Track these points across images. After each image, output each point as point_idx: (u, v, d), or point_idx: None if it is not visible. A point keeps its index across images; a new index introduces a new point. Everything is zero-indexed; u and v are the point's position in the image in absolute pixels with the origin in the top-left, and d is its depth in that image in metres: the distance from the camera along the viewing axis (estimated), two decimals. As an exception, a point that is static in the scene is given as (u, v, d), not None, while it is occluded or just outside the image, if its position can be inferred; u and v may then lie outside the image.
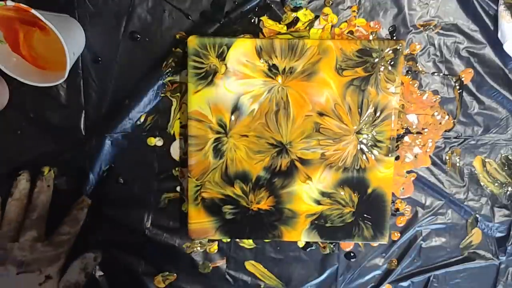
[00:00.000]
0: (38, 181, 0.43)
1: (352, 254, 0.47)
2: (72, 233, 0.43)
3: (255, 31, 0.43)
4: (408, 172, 0.46)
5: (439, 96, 0.45)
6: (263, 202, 0.44)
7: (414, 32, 0.43)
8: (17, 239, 0.41)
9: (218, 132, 0.42)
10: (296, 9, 0.43)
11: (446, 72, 0.44)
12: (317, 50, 0.41)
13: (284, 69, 0.42)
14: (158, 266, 0.47)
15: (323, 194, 0.44)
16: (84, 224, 0.44)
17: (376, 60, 0.42)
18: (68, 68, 0.37)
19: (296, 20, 0.43)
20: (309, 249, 0.47)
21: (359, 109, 0.42)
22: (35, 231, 0.41)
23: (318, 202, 0.44)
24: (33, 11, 0.34)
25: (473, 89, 0.45)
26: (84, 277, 0.42)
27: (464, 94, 0.45)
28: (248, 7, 0.42)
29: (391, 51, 0.41)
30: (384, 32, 0.43)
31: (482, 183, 0.47)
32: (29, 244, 0.41)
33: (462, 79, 0.44)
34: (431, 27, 0.43)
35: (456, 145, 0.46)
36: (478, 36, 0.44)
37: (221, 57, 0.41)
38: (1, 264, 0.40)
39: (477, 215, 0.47)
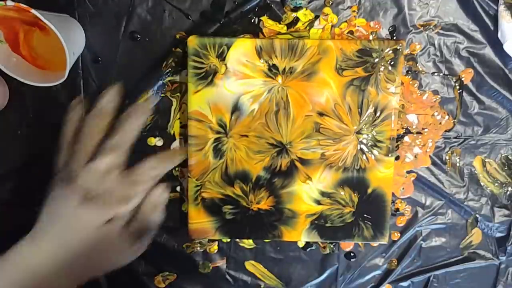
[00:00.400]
0: (129, 107, 0.37)
1: (352, 254, 0.47)
2: (159, 171, 0.37)
3: (255, 31, 0.43)
4: (408, 172, 0.46)
5: (439, 96, 0.45)
6: (263, 202, 0.44)
7: (414, 32, 0.43)
8: (91, 161, 0.35)
9: (218, 132, 0.42)
10: (296, 9, 0.43)
11: (446, 72, 0.44)
12: (317, 50, 0.41)
13: (284, 69, 0.42)
14: (158, 266, 0.47)
15: (323, 194, 0.44)
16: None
17: (376, 60, 0.42)
18: (68, 68, 0.37)
19: (296, 20, 0.43)
20: (309, 249, 0.47)
21: (359, 109, 0.43)
22: (114, 158, 0.34)
23: (318, 202, 0.44)
24: (33, 11, 0.34)
25: (473, 89, 0.45)
26: (159, 216, 0.37)
27: (464, 94, 0.45)
28: (248, 7, 0.42)
29: (391, 51, 0.41)
30: (384, 32, 0.43)
31: (482, 183, 0.47)
32: (103, 172, 0.34)
33: (462, 79, 0.44)
34: (431, 27, 0.43)
35: (456, 145, 0.46)
36: (478, 36, 0.44)
37: (221, 57, 0.41)
38: (66, 186, 0.34)
39: (477, 215, 0.47)
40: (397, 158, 0.46)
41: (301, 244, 0.47)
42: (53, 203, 0.34)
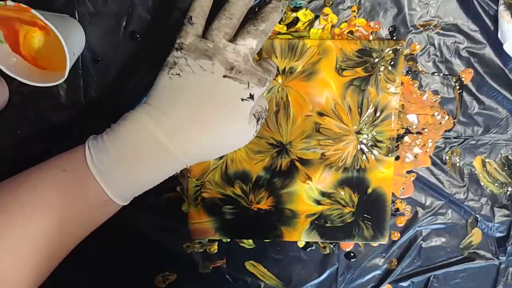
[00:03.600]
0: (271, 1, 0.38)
1: (352, 254, 0.47)
2: (273, 71, 0.38)
3: (255, 31, 0.43)
4: (408, 172, 0.46)
5: (439, 96, 0.45)
6: (263, 202, 0.44)
7: (414, 32, 0.43)
8: (233, 40, 0.36)
9: (218, 132, 0.42)
10: (296, 9, 0.43)
11: (446, 72, 0.44)
12: (317, 50, 0.41)
13: (284, 69, 0.42)
14: (158, 266, 0.47)
15: (323, 194, 0.44)
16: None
17: (376, 60, 0.42)
18: (68, 68, 0.37)
19: (296, 20, 0.43)
20: (309, 249, 0.47)
21: (359, 109, 0.43)
22: (256, 43, 0.36)
23: (318, 202, 0.44)
24: (33, 11, 0.34)
25: (473, 89, 0.45)
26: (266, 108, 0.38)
27: (464, 94, 0.45)
28: (248, 7, 0.42)
29: (391, 51, 0.41)
30: (384, 32, 0.43)
31: (482, 183, 0.47)
32: (246, 52, 0.35)
33: (462, 79, 0.44)
34: (431, 27, 0.43)
35: (456, 145, 0.46)
36: (478, 36, 0.44)
37: (221, 57, 0.41)
38: (209, 58, 0.34)
39: (477, 215, 0.47)
40: (397, 158, 0.46)
41: (301, 244, 0.47)
42: (186, 74, 0.35)
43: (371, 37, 0.43)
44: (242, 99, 0.35)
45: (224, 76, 0.34)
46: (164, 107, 0.34)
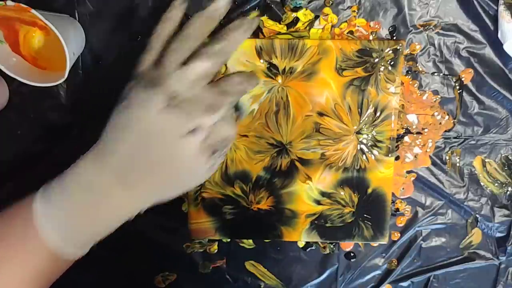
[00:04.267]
0: (237, 19, 0.35)
1: (352, 254, 0.47)
2: (244, 87, 0.35)
3: (255, 31, 0.43)
4: (408, 172, 0.46)
5: (439, 96, 0.45)
6: (263, 202, 0.44)
7: (414, 32, 0.43)
8: (181, 65, 0.32)
9: (218, 132, 0.42)
10: (296, 9, 0.43)
11: (446, 72, 0.44)
12: (317, 50, 0.41)
13: (284, 69, 0.42)
14: (158, 266, 0.47)
15: (323, 194, 0.44)
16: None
17: (376, 60, 0.42)
18: (68, 68, 0.37)
19: (296, 20, 0.43)
20: (309, 249, 0.47)
21: (359, 109, 0.43)
22: (211, 66, 0.32)
23: (318, 202, 0.44)
24: (33, 11, 0.34)
25: (473, 89, 0.45)
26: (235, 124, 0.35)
27: (464, 94, 0.45)
28: (248, 7, 0.42)
29: (391, 51, 0.41)
30: (384, 32, 0.43)
31: (482, 183, 0.47)
32: (196, 77, 0.32)
33: (462, 79, 0.44)
34: (431, 27, 0.43)
35: (456, 145, 0.46)
36: (478, 36, 0.44)
37: (221, 57, 0.41)
38: (153, 87, 0.31)
39: (477, 215, 0.47)
40: (397, 158, 0.46)
41: (301, 244, 0.47)
42: (129, 107, 0.31)
43: (371, 37, 0.43)
44: (181, 136, 0.31)
45: (163, 109, 0.31)
46: (111, 147, 0.31)
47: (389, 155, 0.43)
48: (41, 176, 0.44)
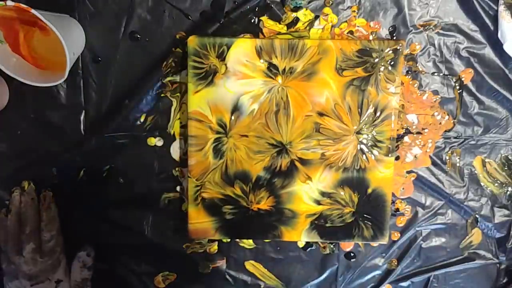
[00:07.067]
0: (21, 197, 0.43)
1: (352, 254, 0.47)
2: (55, 234, 0.43)
3: (255, 31, 0.43)
4: (408, 172, 0.46)
5: (439, 96, 0.45)
6: (263, 202, 0.44)
7: (414, 32, 0.43)
8: (22, 252, 0.42)
9: (218, 132, 0.42)
10: (296, 9, 0.43)
11: (446, 72, 0.44)
12: (317, 50, 0.41)
13: (284, 69, 0.42)
14: (158, 266, 0.47)
15: (323, 194, 0.44)
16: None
17: (376, 60, 0.42)
18: (68, 68, 0.37)
19: (296, 20, 0.43)
20: (309, 249, 0.47)
21: (359, 109, 0.43)
22: (32, 244, 0.42)
23: (318, 202, 0.44)
24: (33, 11, 0.34)
25: (473, 89, 0.45)
26: (88, 271, 0.43)
27: (464, 94, 0.45)
28: (248, 7, 0.42)
29: (391, 51, 0.41)
30: (384, 32, 0.43)
31: (482, 183, 0.47)
32: (31, 257, 0.41)
33: (462, 79, 0.44)
34: (431, 27, 0.43)
35: (456, 145, 0.46)
36: (478, 36, 0.44)
37: (221, 57, 0.41)
38: (16, 278, 0.41)
39: (477, 215, 0.47)
40: (397, 158, 0.45)
41: (301, 244, 0.47)
42: None
43: (371, 37, 0.43)
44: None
45: (31, 286, 0.41)
46: None
47: (389, 155, 0.43)
48: (41, 176, 0.45)
